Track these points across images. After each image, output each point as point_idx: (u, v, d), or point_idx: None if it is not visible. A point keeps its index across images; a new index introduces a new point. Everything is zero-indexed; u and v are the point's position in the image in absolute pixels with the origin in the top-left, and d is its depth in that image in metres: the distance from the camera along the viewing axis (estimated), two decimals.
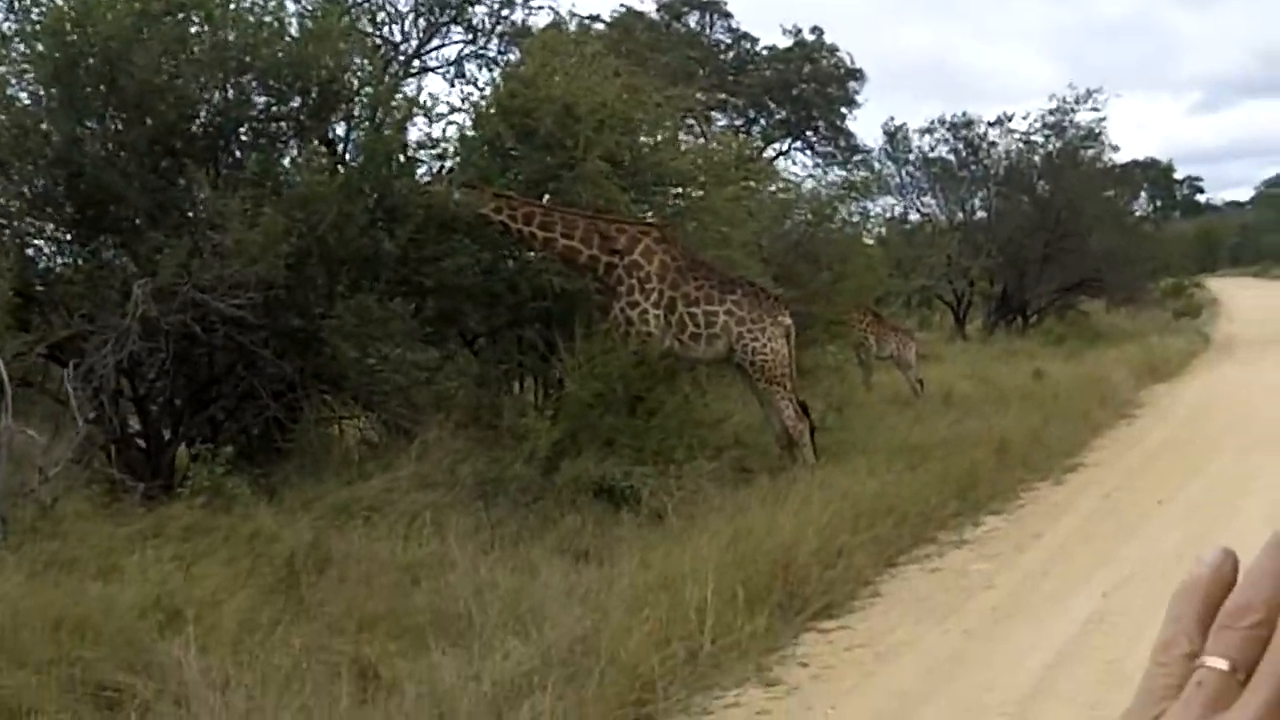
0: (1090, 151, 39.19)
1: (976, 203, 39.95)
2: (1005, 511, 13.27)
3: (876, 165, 39.08)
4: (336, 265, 12.66)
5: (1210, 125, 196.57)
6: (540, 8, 18.98)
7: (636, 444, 12.66)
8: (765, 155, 34.68)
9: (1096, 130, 38.57)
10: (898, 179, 39.89)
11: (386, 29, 18.72)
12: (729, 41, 40.15)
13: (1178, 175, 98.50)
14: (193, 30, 12.71)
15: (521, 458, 12.24)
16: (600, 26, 30.54)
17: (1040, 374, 24.18)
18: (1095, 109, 38.03)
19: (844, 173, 33.92)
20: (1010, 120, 39.24)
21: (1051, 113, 38.43)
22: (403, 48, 18.75)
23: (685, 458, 12.59)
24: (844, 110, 40.50)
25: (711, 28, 39.79)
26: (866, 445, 14.65)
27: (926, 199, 40.34)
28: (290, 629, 8.18)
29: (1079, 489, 14.55)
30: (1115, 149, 41.15)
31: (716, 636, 8.20)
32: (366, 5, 18.35)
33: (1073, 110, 38.16)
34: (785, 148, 40.52)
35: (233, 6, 12.94)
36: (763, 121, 39.96)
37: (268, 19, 13.13)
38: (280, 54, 12.77)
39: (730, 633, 8.33)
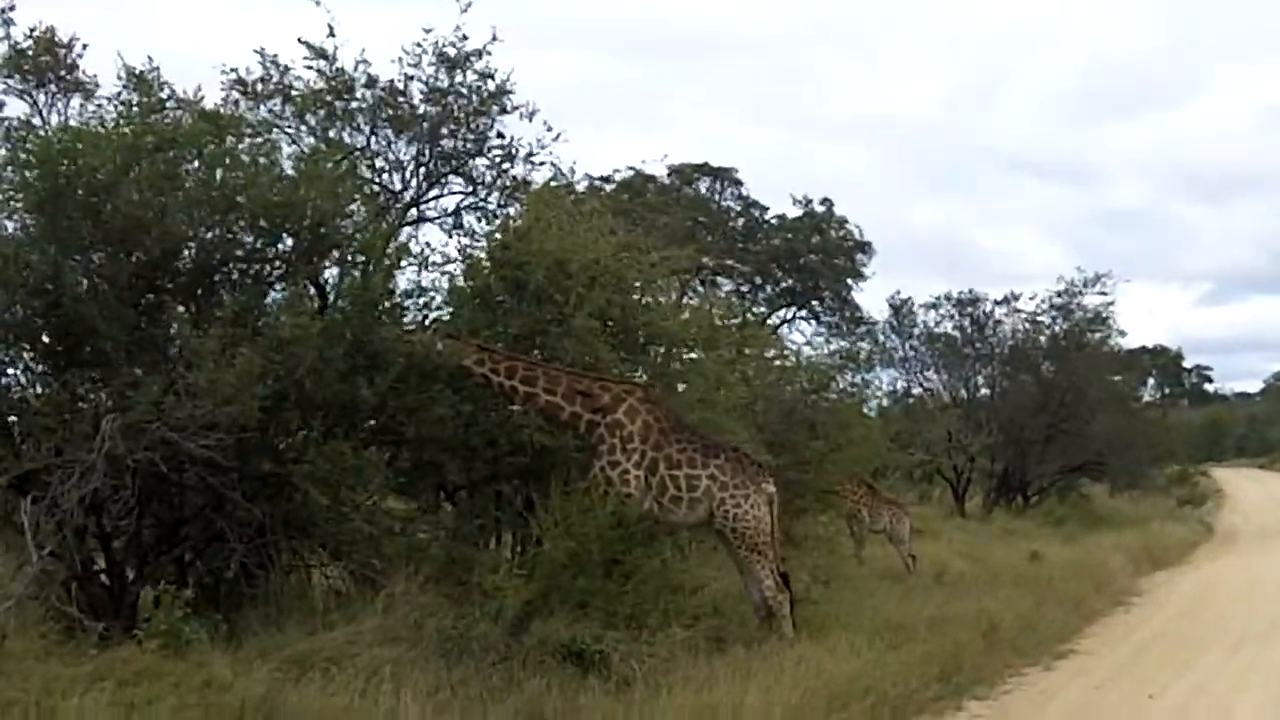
0: (1097, 335, 39.23)
1: (980, 380, 39.89)
2: (989, 697, 12.83)
3: (880, 338, 39.13)
4: (312, 410, 12.36)
5: (1218, 317, 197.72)
6: (542, 163, 18.95)
7: (610, 608, 12.31)
8: (769, 322, 34.72)
9: (1104, 314, 38.74)
10: (901, 352, 39.92)
11: (386, 176, 18.72)
12: (738, 209, 40.36)
13: (1186, 364, 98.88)
14: (183, 167, 12.58)
15: (489, 616, 11.87)
16: (610, 188, 30.75)
17: (1037, 555, 23.86)
18: (1103, 293, 38.24)
19: (845, 343, 33.80)
20: (1017, 300, 39.48)
21: (1059, 294, 38.63)
22: (402, 195, 18.72)
23: (659, 624, 12.22)
24: (850, 282, 40.54)
25: (721, 194, 40.07)
26: (850, 621, 14.24)
27: (930, 374, 40.29)
28: None
29: (1068, 677, 14.12)
30: (1123, 334, 41.29)
31: None
32: (366, 151, 18.37)
33: (1080, 293, 38.33)
34: (790, 316, 40.57)
35: (226, 145, 12.85)
36: (769, 289, 40.01)
37: (261, 159, 13.03)
38: (273, 194, 12.62)
39: None
